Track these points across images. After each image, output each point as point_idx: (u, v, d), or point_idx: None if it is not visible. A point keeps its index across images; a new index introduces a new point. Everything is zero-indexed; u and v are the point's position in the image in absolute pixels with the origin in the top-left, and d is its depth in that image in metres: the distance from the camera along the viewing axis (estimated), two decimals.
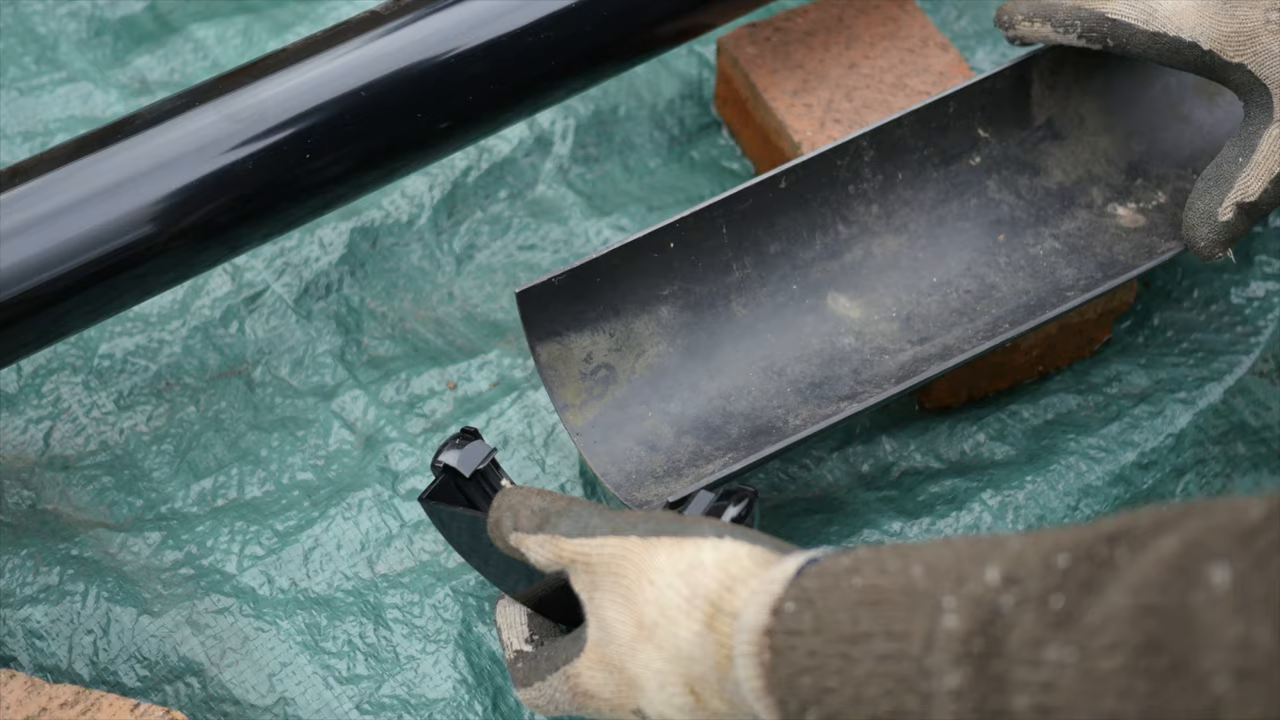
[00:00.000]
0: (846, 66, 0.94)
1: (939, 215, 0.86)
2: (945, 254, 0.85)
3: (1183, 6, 0.79)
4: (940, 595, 0.51)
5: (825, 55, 0.95)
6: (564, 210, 0.96)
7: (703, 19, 0.89)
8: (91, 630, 0.78)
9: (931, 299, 0.84)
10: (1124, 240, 0.85)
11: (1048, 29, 0.82)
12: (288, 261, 0.93)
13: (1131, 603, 0.45)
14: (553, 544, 0.65)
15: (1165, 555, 0.46)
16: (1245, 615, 0.42)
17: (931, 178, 0.86)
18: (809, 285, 0.84)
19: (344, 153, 0.80)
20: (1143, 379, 0.88)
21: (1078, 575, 0.48)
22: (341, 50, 0.80)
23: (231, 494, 0.84)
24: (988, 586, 0.50)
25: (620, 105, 1.00)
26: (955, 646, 0.50)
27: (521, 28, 0.82)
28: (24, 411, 0.87)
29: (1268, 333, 0.89)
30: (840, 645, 0.54)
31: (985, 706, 0.49)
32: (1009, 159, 0.87)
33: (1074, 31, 0.81)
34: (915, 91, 0.93)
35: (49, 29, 1.04)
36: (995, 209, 0.87)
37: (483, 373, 0.88)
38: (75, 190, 0.75)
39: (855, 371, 0.81)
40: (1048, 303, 0.82)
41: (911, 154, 0.85)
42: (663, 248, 0.80)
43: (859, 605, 0.54)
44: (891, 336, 0.83)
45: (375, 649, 0.78)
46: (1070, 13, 0.82)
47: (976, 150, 0.87)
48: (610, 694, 0.64)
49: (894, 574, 0.54)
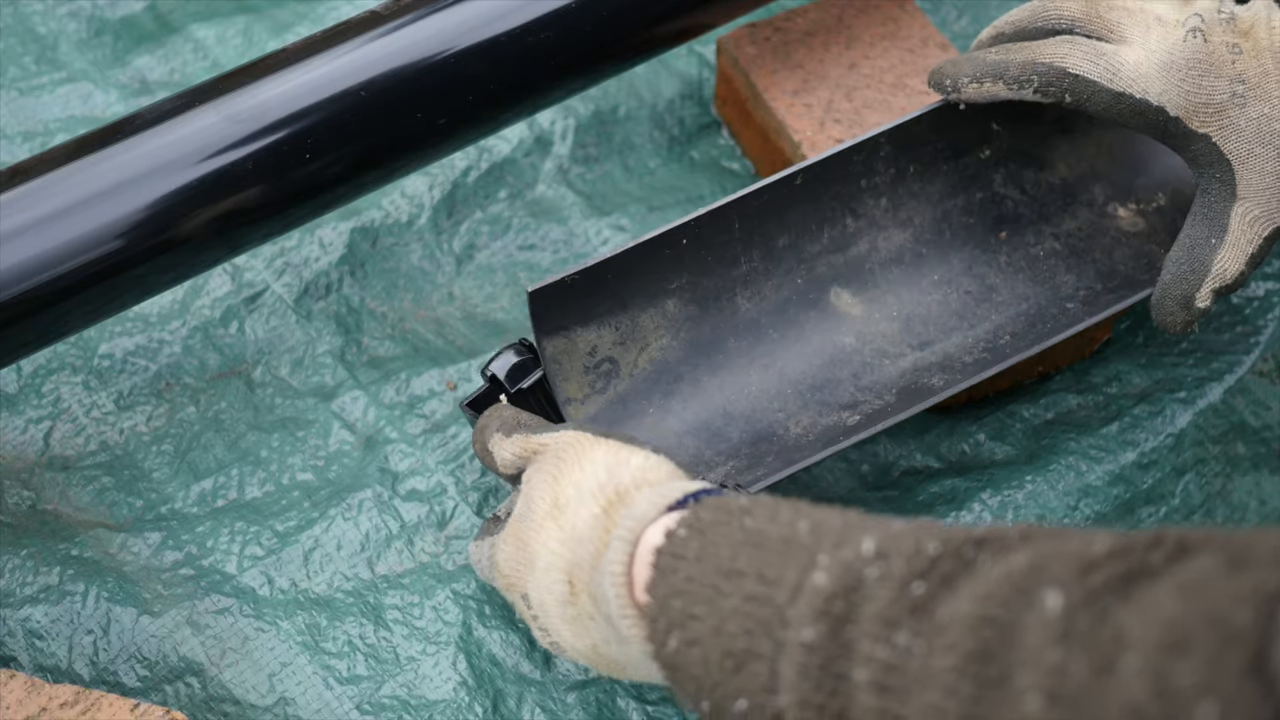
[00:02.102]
0: (846, 66, 0.94)
1: (944, 209, 0.86)
2: (948, 250, 0.86)
3: (1146, 68, 0.76)
4: (817, 552, 0.53)
5: (825, 55, 0.95)
6: (564, 210, 0.96)
7: (703, 19, 0.89)
8: (91, 630, 0.78)
9: (932, 298, 0.84)
10: (1123, 246, 0.85)
11: (999, 87, 0.79)
12: (288, 261, 0.93)
13: (975, 610, 0.47)
14: (522, 440, 0.70)
15: (1013, 571, 0.48)
16: (1066, 644, 0.44)
17: (941, 170, 0.86)
18: (813, 279, 0.85)
19: (344, 153, 0.80)
20: (1143, 379, 0.88)
21: (941, 569, 0.50)
22: (341, 50, 0.80)
23: (231, 494, 0.84)
24: (860, 554, 0.52)
25: (620, 105, 1.00)
26: (818, 603, 0.52)
27: (521, 28, 0.82)
28: (24, 411, 0.87)
29: (1268, 333, 0.89)
30: (715, 577, 0.56)
31: (830, 667, 0.50)
32: (1017, 152, 0.87)
33: (1029, 87, 0.78)
34: (915, 91, 0.93)
35: (49, 29, 1.04)
36: (999, 204, 0.87)
37: None
38: (75, 190, 0.75)
39: (855, 376, 0.82)
40: (1046, 313, 0.83)
41: (925, 147, 0.85)
42: (675, 244, 0.80)
43: (742, 544, 0.56)
44: (891, 339, 0.83)
45: (375, 650, 0.78)
46: (1024, 68, 0.78)
47: (987, 143, 0.87)
48: (510, 570, 0.68)
49: (782, 524, 0.56)
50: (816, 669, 0.51)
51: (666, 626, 0.57)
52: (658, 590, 0.58)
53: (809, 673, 0.51)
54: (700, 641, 0.55)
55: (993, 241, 0.86)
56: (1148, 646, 0.43)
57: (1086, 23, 0.78)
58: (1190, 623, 0.42)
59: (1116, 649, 0.43)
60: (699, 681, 0.56)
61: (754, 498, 0.59)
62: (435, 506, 0.83)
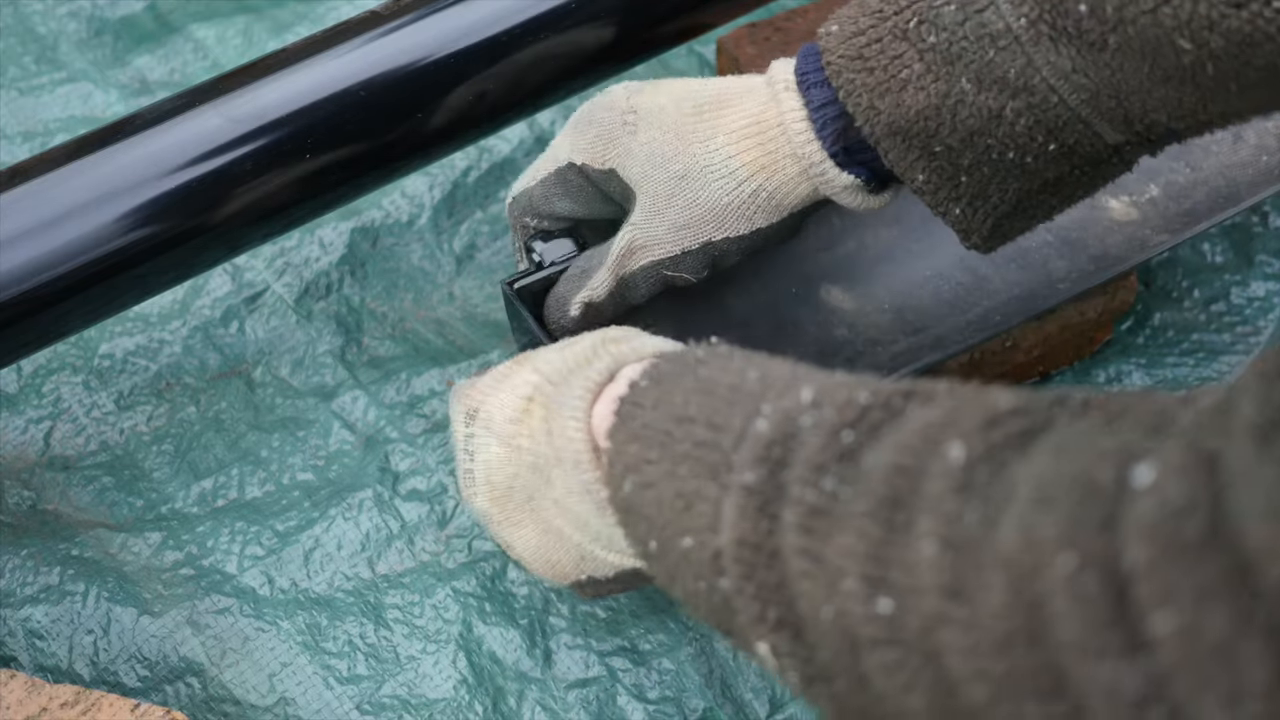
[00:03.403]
0: None
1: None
2: (938, 246, 0.86)
3: (554, 143, 0.78)
4: (763, 401, 0.56)
5: None
6: None
7: (703, 19, 0.89)
8: (92, 630, 0.78)
9: (924, 291, 0.85)
10: (1116, 233, 0.86)
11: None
12: (288, 261, 0.93)
13: (890, 460, 0.49)
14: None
15: (928, 423, 0.50)
16: (964, 495, 0.46)
17: None
18: (802, 277, 0.85)
19: (344, 153, 0.80)
20: (1143, 379, 0.88)
21: (870, 419, 0.52)
22: (341, 50, 0.80)
23: (232, 494, 0.84)
24: (799, 403, 0.54)
25: None
26: (759, 449, 0.54)
27: (521, 27, 0.82)
28: (24, 411, 0.87)
29: (1268, 333, 0.89)
30: (668, 424, 0.58)
31: (766, 508, 0.53)
32: None
33: (528, 229, 0.79)
34: None
35: (49, 29, 1.04)
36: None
37: None
38: (75, 190, 0.75)
39: (849, 363, 0.82)
40: (1038, 294, 0.83)
41: None
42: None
43: (693, 392, 0.59)
44: (884, 329, 0.83)
45: (376, 649, 0.78)
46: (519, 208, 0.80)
47: None
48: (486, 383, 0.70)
49: (733, 372, 0.59)
50: (754, 510, 0.53)
51: (623, 470, 0.60)
52: (617, 436, 0.61)
53: (747, 513, 0.53)
54: (655, 484, 0.58)
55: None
56: (1022, 500, 0.44)
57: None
58: (1059, 478, 0.44)
59: (1005, 503, 0.45)
60: (650, 521, 0.59)
61: (712, 348, 0.62)
62: (436, 506, 0.83)
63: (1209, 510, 0.39)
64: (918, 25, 0.67)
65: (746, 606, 0.54)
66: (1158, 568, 0.39)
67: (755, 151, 0.72)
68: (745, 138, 0.73)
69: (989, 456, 0.47)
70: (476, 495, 0.69)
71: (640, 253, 0.75)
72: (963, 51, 0.66)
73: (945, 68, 0.67)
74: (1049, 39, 0.64)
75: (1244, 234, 0.94)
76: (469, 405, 0.70)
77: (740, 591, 0.54)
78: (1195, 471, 0.40)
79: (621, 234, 0.75)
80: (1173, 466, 0.41)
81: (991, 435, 0.48)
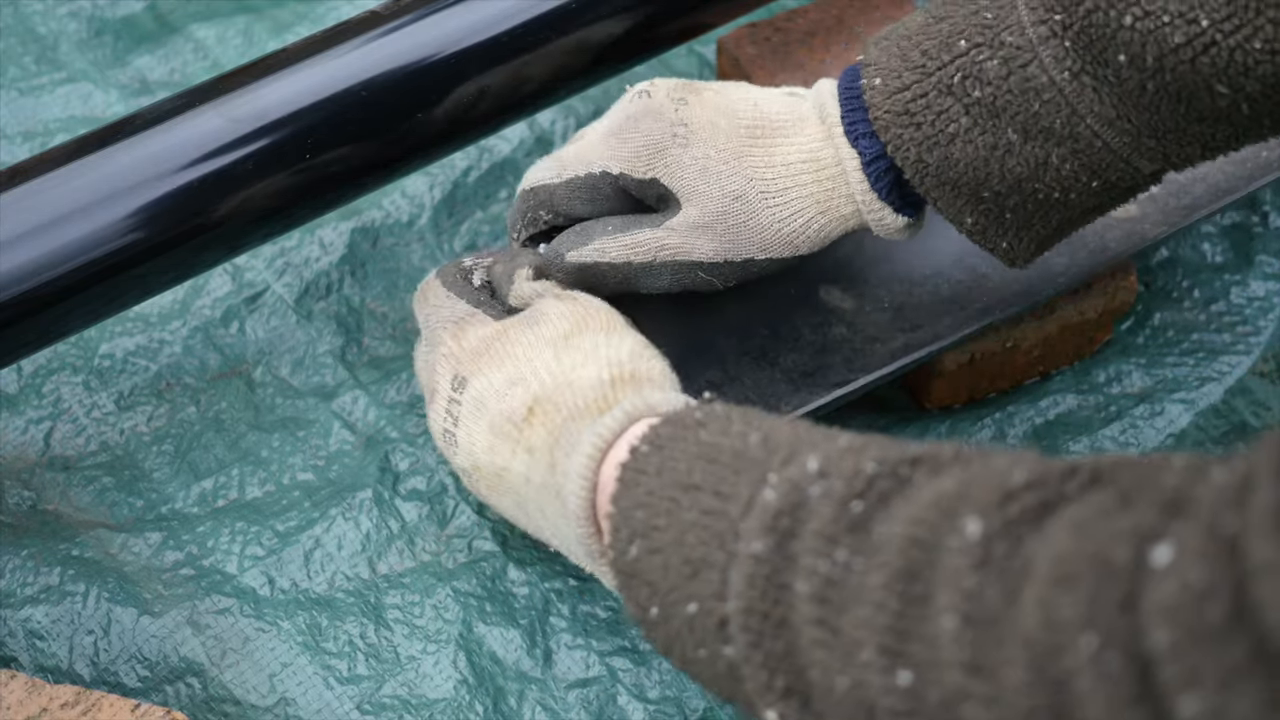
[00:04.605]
0: (846, 66, 0.94)
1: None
2: (935, 247, 0.86)
3: (586, 143, 0.78)
4: (768, 470, 0.57)
5: (825, 55, 0.95)
6: None
7: (703, 19, 0.89)
8: (92, 630, 0.78)
9: (923, 289, 0.85)
10: (1115, 229, 0.86)
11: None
12: (288, 261, 0.93)
13: (905, 531, 0.50)
14: (553, 288, 0.77)
15: (941, 495, 0.51)
16: (983, 571, 0.47)
17: None
18: (801, 278, 0.85)
19: (344, 153, 0.80)
20: (1143, 379, 0.88)
21: (879, 488, 0.53)
22: (341, 50, 0.80)
23: (232, 494, 0.84)
24: (805, 473, 0.55)
25: None
26: (767, 519, 0.55)
27: (522, 28, 0.82)
28: (24, 411, 0.87)
29: (1268, 333, 0.89)
30: (674, 491, 0.60)
31: (775, 578, 0.54)
32: None
33: (538, 222, 0.80)
34: None
35: (49, 29, 1.04)
36: None
37: None
38: (75, 190, 0.75)
39: (847, 360, 0.82)
40: (1037, 288, 0.83)
41: None
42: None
43: (697, 459, 0.60)
44: (883, 327, 0.83)
45: (376, 649, 0.78)
46: (516, 213, 0.81)
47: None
48: (467, 346, 0.71)
49: (734, 436, 0.60)
50: (763, 579, 0.54)
51: (629, 536, 0.61)
52: (621, 502, 0.62)
53: (755, 582, 0.54)
54: (662, 550, 0.59)
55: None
56: (1042, 579, 0.45)
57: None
58: (1077, 558, 0.44)
59: (1023, 579, 0.46)
60: (653, 587, 0.60)
61: (708, 409, 0.63)
62: (436, 506, 0.83)
63: (1231, 594, 0.39)
64: (962, 80, 0.69)
65: (754, 674, 0.55)
66: (1182, 650, 0.40)
67: (813, 187, 0.74)
68: (803, 172, 0.74)
69: (1005, 532, 0.48)
70: (457, 455, 0.72)
71: (676, 253, 0.77)
72: (1008, 104, 0.68)
73: (991, 121, 0.68)
74: (1092, 89, 0.66)
75: (1244, 234, 0.94)
76: (456, 368, 0.71)
77: (748, 659, 0.55)
78: (1215, 555, 0.40)
79: (657, 230, 0.76)
80: (1192, 549, 0.41)
81: (1007, 510, 0.48)
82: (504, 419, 0.69)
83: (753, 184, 0.75)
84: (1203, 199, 0.87)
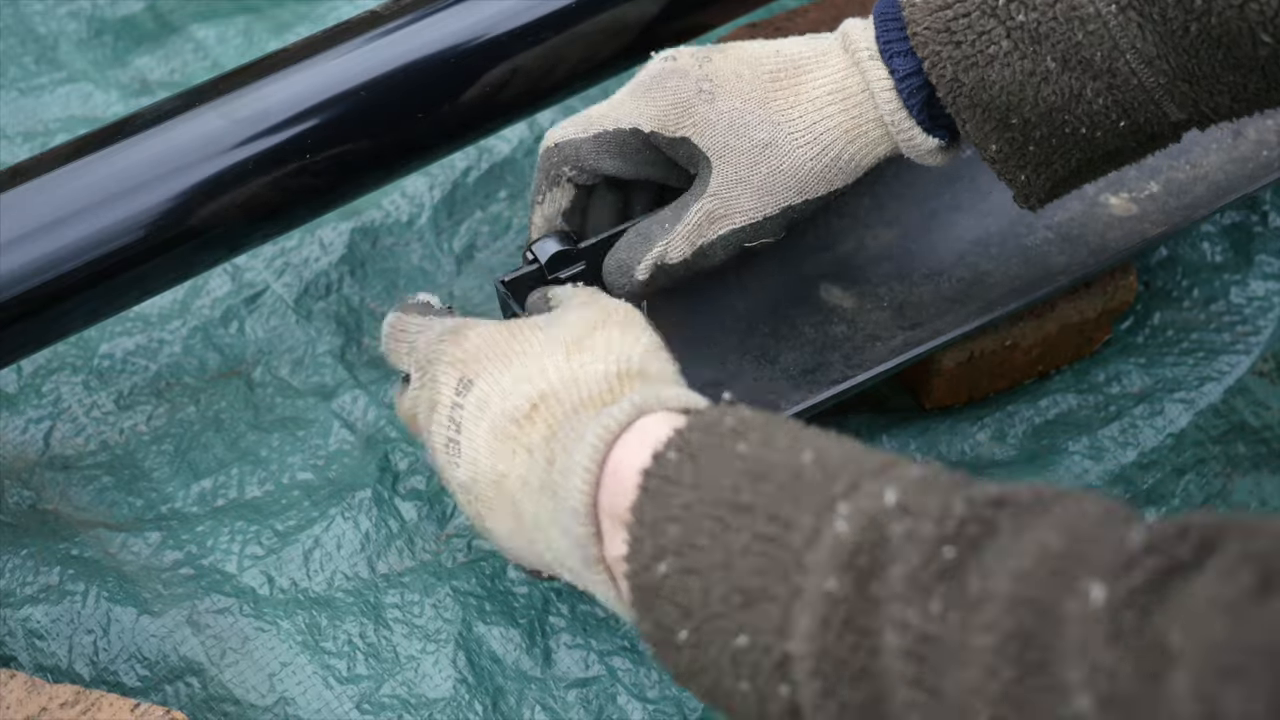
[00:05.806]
0: None
1: (931, 209, 0.87)
2: (937, 245, 0.86)
3: (613, 101, 0.78)
4: (835, 497, 0.53)
5: None
6: None
7: (703, 19, 0.89)
8: (92, 630, 0.78)
9: (924, 288, 0.85)
10: (1115, 228, 0.86)
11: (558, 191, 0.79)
12: (288, 261, 0.93)
13: (1012, 589, 0.47)
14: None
15: (1048, 551, 0.48)
16: (1116, 646, 0.44)
17: (925, 170, 0.86)
18: (801, 277, 0.85)
19: (344, 153, 0.80)
20: (1143, 379, 0.88)
21: (968, 533, 0.50)
22: (341, 50, 0.80)
23: (232, 494, 0.84)
24: (883, 507, 0.52)
25: None
26: (842, 555, 0.51)
27: (522, 28, 0.82)
28: (24, 411, 0.87)
29: (1268, 333, 0.89)
30: (719, 509, 0.55)
31: (854, 621, 0.50)
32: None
33: (561, 180, 0.78)
34: None
35: (49, 29, 1.04)
36: (986, 199, 0.87)
37: None
38: (76, 190, 0.75)
39: (846, 358, 0.82)
40: (1038, 286, 0.83)
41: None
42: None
43: (743, 475, 0.56)
44: (883, 325, 0.83)
45: (375, 649, 0.78)
46: (544, 176, 0.79)
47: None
48: (470, 346, 0.69)
49: (782, 451, 0.56)
50: (840, 622, 0.50)
51: (655, 551, 0.57)
52: (646, 512, 0.57)
53: (831, 624, 0.51)
54: (702, 573, 0.55)
55: (983, 235, 0.87)
56: (1198, 668, 0.42)
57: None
58: (1240, 648, 0.42)
59: (1163, 660, 0.43)
60: (685, 610, 0.56)
61: (738, 414, 0.59)
62: (435, 505, 0.83)
63: None
64: (1006, 3, 0.69)
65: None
66: None
67: (840, 118, 0.74)
68: (829, 104, 0.74)
69: (1130, 601, 0.45)
70: (459, 468, 0.68)
71: (721, 221, 0.76)
72: (1051, 31, 0.68)
73: (1032, 46, 0.69)
74: (1136, 25, 0.67)
75: (1244, 234, 0.94)
76: (461, 371, 0.68)
77: (819, 708, 0.51)
78: None
79: (698, 203, 0.76)
80: None
81: (1131, 578, 0.46)
82: (506, 418, 0.65)
83: (780, 128, 0.74)
84: (1203, 199, 0.87)
